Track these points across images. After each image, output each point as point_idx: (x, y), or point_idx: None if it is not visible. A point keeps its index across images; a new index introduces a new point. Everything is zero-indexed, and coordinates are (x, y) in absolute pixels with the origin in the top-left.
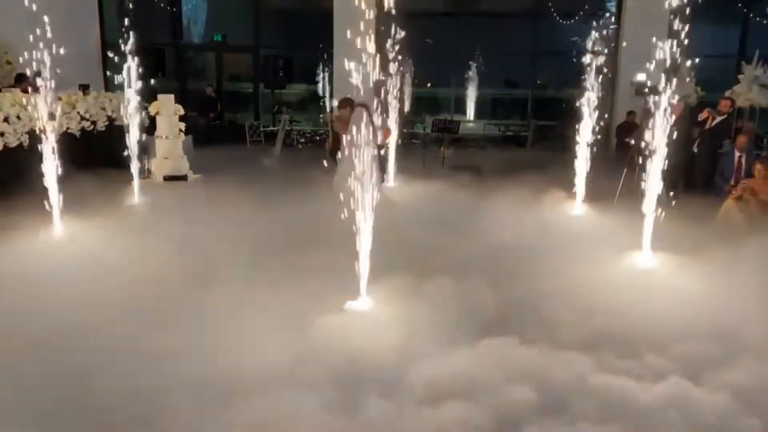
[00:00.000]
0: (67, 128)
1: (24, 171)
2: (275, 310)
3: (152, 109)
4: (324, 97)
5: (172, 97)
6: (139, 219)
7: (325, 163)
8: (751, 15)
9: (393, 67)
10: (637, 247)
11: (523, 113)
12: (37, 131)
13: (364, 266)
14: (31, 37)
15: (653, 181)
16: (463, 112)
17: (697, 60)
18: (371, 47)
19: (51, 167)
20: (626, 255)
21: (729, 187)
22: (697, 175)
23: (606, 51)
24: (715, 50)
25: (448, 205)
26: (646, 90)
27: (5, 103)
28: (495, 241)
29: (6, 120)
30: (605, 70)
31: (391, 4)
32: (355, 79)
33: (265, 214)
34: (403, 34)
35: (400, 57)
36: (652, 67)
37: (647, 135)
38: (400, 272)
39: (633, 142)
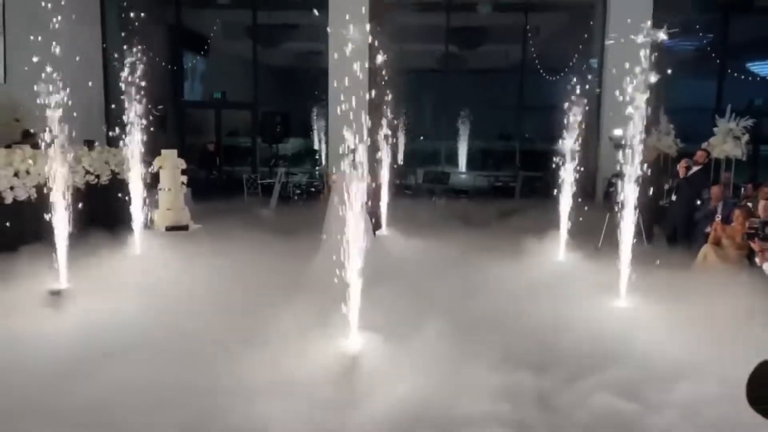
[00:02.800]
0: (73, 182)
1: (32, 223)
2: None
3: (156, 163)
4: (319, 150)
5: (175, 152)
6: (143, 268)
7: None
8: (729, 70)
9: (386, 121)
10: (615, 294)
11: (512, 164)
12: (47, 185)
13: (354, 310)
14: (39, 96)
15: (627, 228)
16: (454, 163)
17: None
18: (365, 102)
19: (58, 219)
20: (605, 302)
21: (706, 233)
22: (677, 224)
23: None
24: (694, 103)
25: (438, 254)
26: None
27: (16, 159)
28: (481, 290)
29: (16, 175)
30: (586, 124)
31: (384, 62)
32: (349, 133)
33: (261, 263)
34: (396, 90)
35: (392, 112)
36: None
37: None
38: (394, 316)
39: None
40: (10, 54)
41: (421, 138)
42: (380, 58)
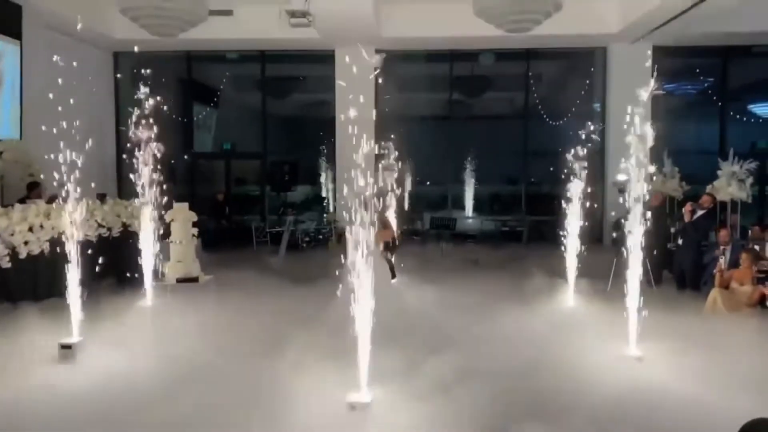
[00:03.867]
0: (85, 235)
1: (45, 276)
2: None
3: (168, 217)
4: (327, 197)
5: (186, 205)
6: (153, 320)
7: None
8: (731, 112)
9: (392, 168)
10: (627, 342)
11: (519, 209)
12: (64, 238)
13: (364, 361)
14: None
15: (634, 273)
16: (461, 208)
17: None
18: (371, 149)
19: (71, 272)
20: (616, 351)
21: (713, 276)
22: (685, 268)
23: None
24: (697, 146)
25: (447, 301)
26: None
27: (30, 214)
28: (491, 339)
29: (30, 229)
30: (590, 168)
31: (390, 111)
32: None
33: (271, 313)
34: (402, 136)
35: (399, 158)
36: (628, 165)
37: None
38: (404, 366)
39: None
40: (27, 111)
41: (428, 183)
42: (386, 107)
